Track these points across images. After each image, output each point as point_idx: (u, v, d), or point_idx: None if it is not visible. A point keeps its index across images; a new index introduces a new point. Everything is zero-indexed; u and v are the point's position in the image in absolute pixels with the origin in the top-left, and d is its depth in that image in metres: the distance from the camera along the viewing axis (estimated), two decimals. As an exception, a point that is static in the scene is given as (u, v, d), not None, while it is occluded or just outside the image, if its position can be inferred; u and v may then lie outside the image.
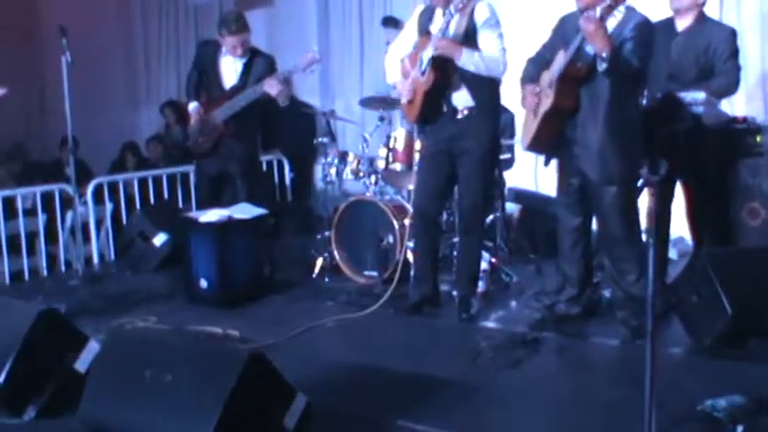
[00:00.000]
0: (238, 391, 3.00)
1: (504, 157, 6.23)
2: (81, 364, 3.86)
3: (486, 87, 5.00)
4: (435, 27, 4.97)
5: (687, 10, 5.15)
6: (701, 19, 5.17)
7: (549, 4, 6.23)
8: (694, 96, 5.03)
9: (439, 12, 4.99)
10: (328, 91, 9.23)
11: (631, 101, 4.64)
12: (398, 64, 5.23)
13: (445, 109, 5.05)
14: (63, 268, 7.05)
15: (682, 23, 5.18)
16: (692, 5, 5.14)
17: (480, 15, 4.88)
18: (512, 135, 6.44)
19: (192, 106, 6.28)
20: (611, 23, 4.33)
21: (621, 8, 4.31)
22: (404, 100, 5.20)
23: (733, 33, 5.17)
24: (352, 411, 3.79)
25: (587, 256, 4.94)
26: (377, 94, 7.38)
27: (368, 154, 6.43)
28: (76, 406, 3.44)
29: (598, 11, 4.14)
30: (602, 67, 4.24)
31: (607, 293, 5.24)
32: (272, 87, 5.91)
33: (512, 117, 6.33)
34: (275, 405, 3.20)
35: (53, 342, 3.84)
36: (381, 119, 6.71)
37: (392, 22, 7.51)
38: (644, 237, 4.65)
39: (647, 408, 2.77)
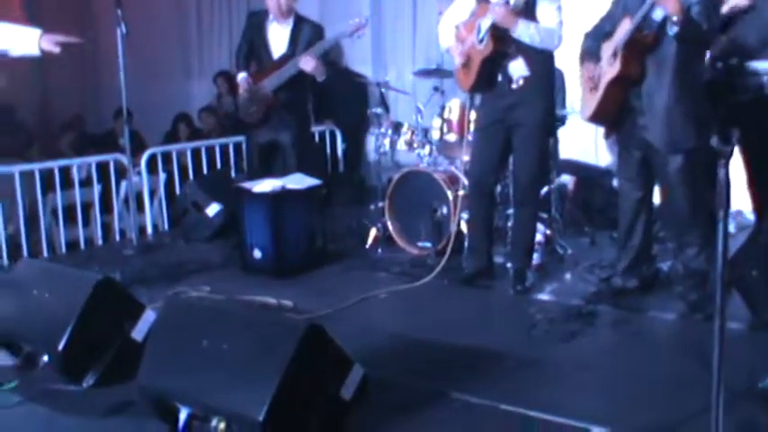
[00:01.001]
0: (296, 362, 2.99)
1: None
2: (138, 333, 3.91)
3: (541, 57, 4.95)
4: (495, -6, 4.91)
5: (753, -22, 5.02)
6: (768, -14, 5.04)
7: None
8: (757, 66, 4.90)
9: (499, -22, 4.93)
10: (380, 60, 9.18)
11: (698, 67, 4.56)
12: (453, 30, 5.18)
13: (500, 78, 4.99)
14: (117, 238, 7.14)
15: (748, -10, 5.05)
16: (757, -26, 5.00)
17: None
18: (564, 99, 6.34)
19: (241, 77, 6.28)
20: None
21: None
22: (457, 62, 5.15)
23: (800, 2, 5.02)
24: (406, 383, 3.78)
25: (647, 229, 4.86)
26: (429, 66, 7.32)
27: (422, 124, 6.38)
28: (134, 374, 3.46)
29: None
30: (672, 30, 4.16)
31: (665, 267, 5.17)
32: (306, 64, 5.90)
33: (561, 75, 6.18)
34: (332, 376, 3.19)
35: (111, 311, 3.88)
36: (435, 89, 6.65)
37: (446, -8, 7.42)
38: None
39: (716, 386, 2.71)
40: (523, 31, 4.78)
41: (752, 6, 4.86)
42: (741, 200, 5.53)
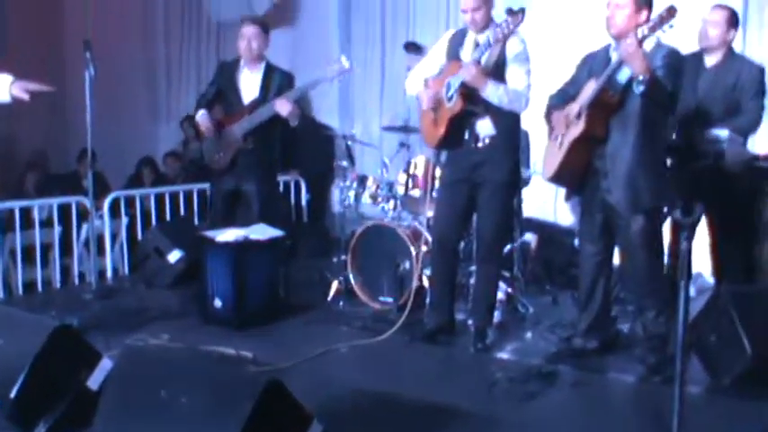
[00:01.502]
0: (255, 418, 2.96)
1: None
2: (93, 382, 3.83)
3: (508, 117, 4.99)
4: (465, 52, 4.97)
5: (717, 47, 5.15)
6: (730, 55, 5.17)
7: (572, 43, 6.23)
8: (717, 133, 5.01)
9: (470, 37, 4.99)
10: (348, 113, 9.22)
11: (661, 130, 4.64)
12: (421, 83, 5.22)
13: (467, 136, 5.03)
14: (76, 281, 7.04)
15: (710, 60, 5.19)
16: (721, 43, 5.14)
17: (512, 49, 4.88)
18: (528, 159, 6.40)
19: (201, 114, 6.18)
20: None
21: (651, 39, 4.28)
22: (425, 107, 5.16)
23: (761, 71, 5.15)
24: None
25: (607, 290, 4.89)
26: (396, 120, 7.37)
27: (387, 179, 6.40)
28: (88, 424, 3.40)
29: (640, 32, 4.16)
30: (639, 89, 4.21)
31: (624, 328, 5.20)
32: (282, 107, 5.87)
33: (526, 135, 6.24)
34: (291, 432, 3.16)
35: (66, 359, 3.80)
36: (402, 144, 6.69)
37: (414, 48, 7.49)
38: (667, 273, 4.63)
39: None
40: (492, 92, 4.83)
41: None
42: (701, 263, 5.59)
